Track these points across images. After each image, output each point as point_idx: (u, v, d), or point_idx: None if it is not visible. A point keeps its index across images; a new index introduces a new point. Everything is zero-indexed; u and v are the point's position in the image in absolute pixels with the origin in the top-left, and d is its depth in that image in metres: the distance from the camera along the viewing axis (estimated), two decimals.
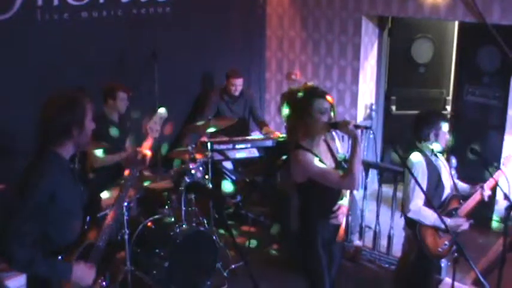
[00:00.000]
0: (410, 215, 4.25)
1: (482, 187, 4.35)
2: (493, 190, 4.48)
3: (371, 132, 3.69)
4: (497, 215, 5.81)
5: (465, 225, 4.26)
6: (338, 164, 3.83)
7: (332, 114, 3.68)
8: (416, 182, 3.89)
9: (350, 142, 3.73)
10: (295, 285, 4.39)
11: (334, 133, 3.98)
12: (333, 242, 3.88)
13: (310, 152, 3.67)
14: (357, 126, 3.58)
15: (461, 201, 4.36)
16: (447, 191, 4.34)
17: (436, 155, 4.31)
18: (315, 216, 3.81)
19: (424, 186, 4.12)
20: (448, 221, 4.15)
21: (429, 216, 4.20)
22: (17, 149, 5.23)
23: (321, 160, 3.69)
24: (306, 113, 3.64)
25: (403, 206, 4.32)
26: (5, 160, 5.24)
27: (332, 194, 3.74)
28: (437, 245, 4.30)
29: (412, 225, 4.34)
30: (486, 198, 4.38)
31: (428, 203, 4.18)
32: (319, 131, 3.68)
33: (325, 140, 3.84)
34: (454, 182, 4.43)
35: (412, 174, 3.96)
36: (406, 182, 4.29)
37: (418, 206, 4.20)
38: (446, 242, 4.29)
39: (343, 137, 4.83)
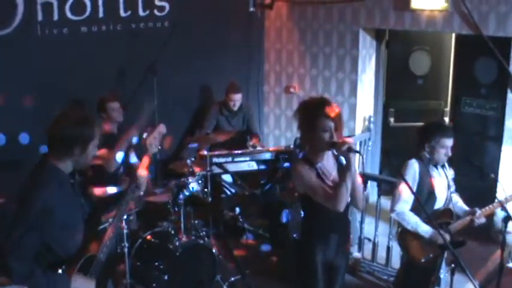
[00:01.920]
0: (394, 215, 4.34)
1: (474, 213, 4.35)
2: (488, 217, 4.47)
3: (360, 156, 3.69)
4: None
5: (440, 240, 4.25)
6: None
7: (336, 133, 3.64)
8: (410, 189, 3.93)
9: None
10: None
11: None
12: (334, 254, 3.84)
13: (311, 165, 3.70)
14: (349, 149, 3.55)
15: (453, 216, 4.37)
16: (440, 202, 4.35)
17: (435, 165, 4.34)
18: (315, 227, 3.80)
19: (413, 193, 4.16)
20: (429, 230, 4.21)
21: (411, 221, 4.25)
22: (17, 162, 5.26)
23: (319, 175, 3.69)
24: (310, 128, 3.67)
25: (390, 208, 4.39)
26: (5, 173, 5.26)
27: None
28: (421, 254, 4.30)
29: (398, 231, 4.40)
30: (476, 224, 4.36)
31: (416, 210, 4.24)
32: (321, 148, 3.70)
33: (336, 156, 3.81)
34: (450, 195, 4.44)
35: (405, 180, 4.00)
36: (397, 185, 4.35)
37: (403, 209, 4.26)
38: (431, 255, 4.27)
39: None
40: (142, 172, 3.45)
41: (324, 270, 3.83)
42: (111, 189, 5.16)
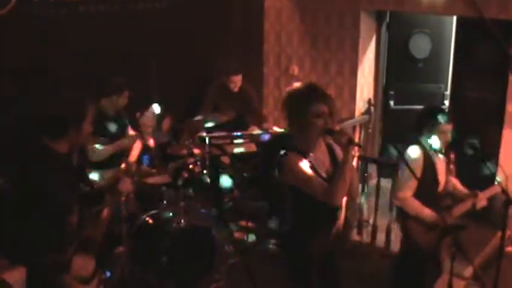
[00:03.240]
0: (396, 202, 4.36)
1: (476, 195, 4.34)
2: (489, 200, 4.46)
3: (358, 148, 3.64)
4: None
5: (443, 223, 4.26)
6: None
7: (330, 119, 3.48)
8: (414, 174, 3.91)
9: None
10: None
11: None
12: (329, 245, 3.73)
13: (302, 156, 3.51)
14: (350, 141, 3.39)
15: (454, 199, 4.37)
16: (441, 187, 4.35)
17: (434, 150, 4.32)
18: (307, 221, 3.66)
19: (417, 180, 4.16)
20: (432, 213, 4.22)
21: (414, 207, 4.24)
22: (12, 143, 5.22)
23: (313, 165, 3.50)
24: (302, 115, 3.46)
25: (391, 194, 4.37)
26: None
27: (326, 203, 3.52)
28: (424, 239, 4.30)
29: (400, 216, 4.38)
30: (478, 207, 4.35)
31: (417, 195, 4.24)
32: (314, 135, 3.53)
33: (327, 144, 3.66)
34: (449, 179, 4.43)
35: (411, 169, 3.97)
36: (399, 172, 4.32)
37: (406, 195, 4.24)
38: (434, 239, 4.28)
39: None
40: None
41: (318, 261, 3.72)
42: (108, 172, 5.17)
